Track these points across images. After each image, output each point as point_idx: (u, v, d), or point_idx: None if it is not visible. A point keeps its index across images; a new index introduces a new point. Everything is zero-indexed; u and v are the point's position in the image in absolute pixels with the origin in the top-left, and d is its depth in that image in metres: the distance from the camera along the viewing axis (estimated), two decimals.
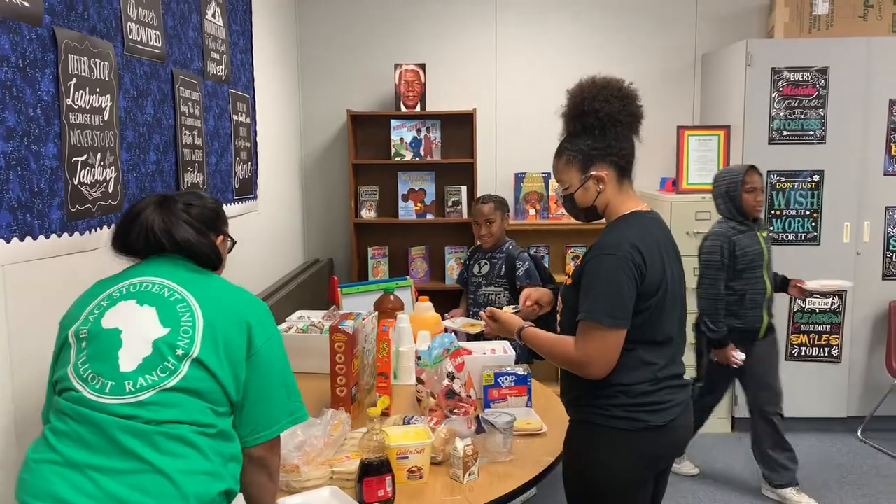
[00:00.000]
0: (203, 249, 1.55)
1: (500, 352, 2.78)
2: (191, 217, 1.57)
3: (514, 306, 2.33)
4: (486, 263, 3.59)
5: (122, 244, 1.53)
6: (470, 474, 2.00)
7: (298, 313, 3.37)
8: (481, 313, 2.37)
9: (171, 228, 1.52)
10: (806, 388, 4.23)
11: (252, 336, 1.49)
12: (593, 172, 1.94)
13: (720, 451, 4.08)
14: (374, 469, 1.86)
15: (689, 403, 2.01)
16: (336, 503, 1.87)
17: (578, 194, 1.98)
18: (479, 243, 3.65)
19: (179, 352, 1.39)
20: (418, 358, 2.44)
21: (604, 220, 2.03)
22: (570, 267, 4.64)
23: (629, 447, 1.90)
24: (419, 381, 2.47)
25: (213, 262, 1.58)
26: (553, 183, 4.58)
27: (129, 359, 1.37)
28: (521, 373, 2.53)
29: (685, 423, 2.00)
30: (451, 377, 2.39)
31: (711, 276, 3.39)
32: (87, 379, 1.37)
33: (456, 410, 2.32)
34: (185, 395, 1.38)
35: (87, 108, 1.98)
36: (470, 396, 2.43)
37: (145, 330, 1.40)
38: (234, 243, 1.77)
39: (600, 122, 1.92)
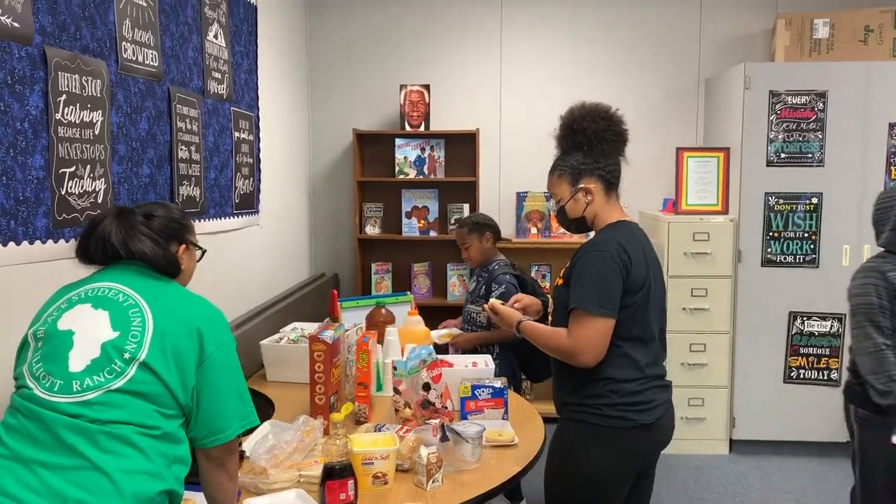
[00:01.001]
0: (158, 261, 1.61)
1: (482, 365, 2.83)
2: (150, 228, 1.64)
3: (500, 302, 2.42)
4: (473, 281, 3.64)
5: (83, 254, 1.61)
6: (434, 481, 2.05)
7: (292, 325, 3.45)
8: (484, 305, 2.49)
9: (127, 240, 1.58)
10: (805, 412, 4.20)
11: (203, 343, 1.54)
12: (582, 185, 2.13)
13: (718, 473, 4.06)
14: (337, 472, 1.92)
15: (671, 403, 2.16)
16: None
17: (569, 206, 2.17)
18: None
19: (127, 355, 1.46)
20: (395, 368, 2.50)
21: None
22: None
23: (619, 445, 2.03)
24: (396, 391, 2.53)
25: (169, 271, 1.65)
26: None
27: (78, 359, 1.44)
28: (498, 385, 2.57)
29: (669, 423, 2.15)
30: (427, 388, 2.45)
31: (863, 324, 2.45)
32: (38, 377, 1.44)
33: (430, 420, 2.38)
34: (130, 397, 1.44)
35: (77, 122, 2.09)
36: (446, 407, 2.49)
37: (96, 333, 1.47)
38: (203, 252, 1.84)
39: (588, 140, 2.13)
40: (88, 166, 2.16)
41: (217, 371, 1.57)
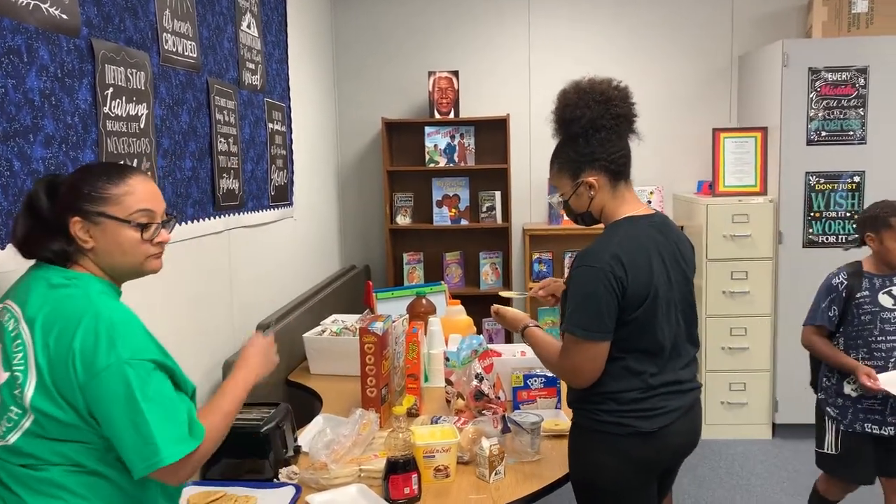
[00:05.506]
0: (35, 254, 1.45)
1: (531, 353, 2.78)
2: (32, 212, 1.44)
3: (518, 292, 2.32)
4: None
5: None
6: (496, 474, 2.02)
7: (332, 317, 3.43)
8: (491, 308, 2.33)
9: (19, 244, 1.45)
10: None
11: (76, 372, 1.32)
12: (583, 179, 1.93)
13: (763, 458, 4.00)
14: (400, 467, 1.89)
15: (690, 409, 1.96)
16: (363, 501, 1.90)
17: (572, 201, 1.99)
18: None
19: (17, 400, 1.35)
20: (446, 359, 2.46)
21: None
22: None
23: (618, 451, 1.88)
24: (448, 382, 2.49)
25: (61, 259, 1.43)
26: None
27: None
28: (550, 374, 2.53)
29: (682, 429, 1.94)
30: (480, 378, 2.40)
31: None
32: None
33: (485, 411, 2.34)
34: (43, 440, 1.34)
35: (124, 116, 2.06)
36: (499, 398, 2.44)
37: None
38: (111, 219, 1.43)
39: (583, 130, 1.92)
40: (135, 160, 2.12)
41: (98, 402, 1.32)
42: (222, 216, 2.81)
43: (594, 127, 1.90)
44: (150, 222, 1.46)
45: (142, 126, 2.16)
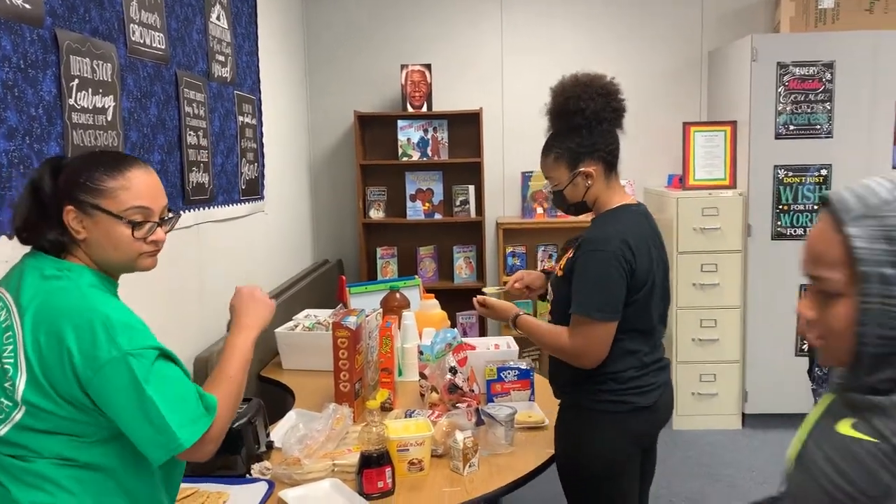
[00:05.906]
0: (32, 242, 1.41)
1: (504, 346, 2.79)
2: (34, 197, 1.39)
3: (497, 287, 2.35)
4: None
5: None
6: (470, 466, 2.02)
7: (305, 312, 3.40)
8: (473, 299, 2.35)
9: (18, 230, 1.41)
10: None
11: (76, 371, 1.29)
12: (582, 169, 2.00)
13: (732, 447, 4.06)
14: (374, 461, 1.88)
15: (669, 383, 2.10)
16: (337, 495, 1.89)
17: (568, 191, 2.05)
18: None
19: (8, 393, 1.32)
20: (420, 353, 2.46)
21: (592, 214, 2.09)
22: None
23: (617, 427, 1.97)
24: (422, 376, 2.48)
25: (56, 249, 1.39)
26: None
27: None
28: (524, 367, 2.54)
29: (667, 402, 2.09)
30: (454, 372, 2.40)
31: None
32: None
33: (459, 404, 2.34)
34: (34, 433, 1.31)
35: (90, 108, 2.02)
36: (473, 391, 2.45)
37: None
38: (118, 217, 1.38)
39: (586, 121, 1.98)
40: None
41: (105, 397, 1.30)
42: (192, 210, 2.78)
43: (597, 119, 1.98)
44: (144, 220, 1.40)
45: (109, 118, 2.12)
